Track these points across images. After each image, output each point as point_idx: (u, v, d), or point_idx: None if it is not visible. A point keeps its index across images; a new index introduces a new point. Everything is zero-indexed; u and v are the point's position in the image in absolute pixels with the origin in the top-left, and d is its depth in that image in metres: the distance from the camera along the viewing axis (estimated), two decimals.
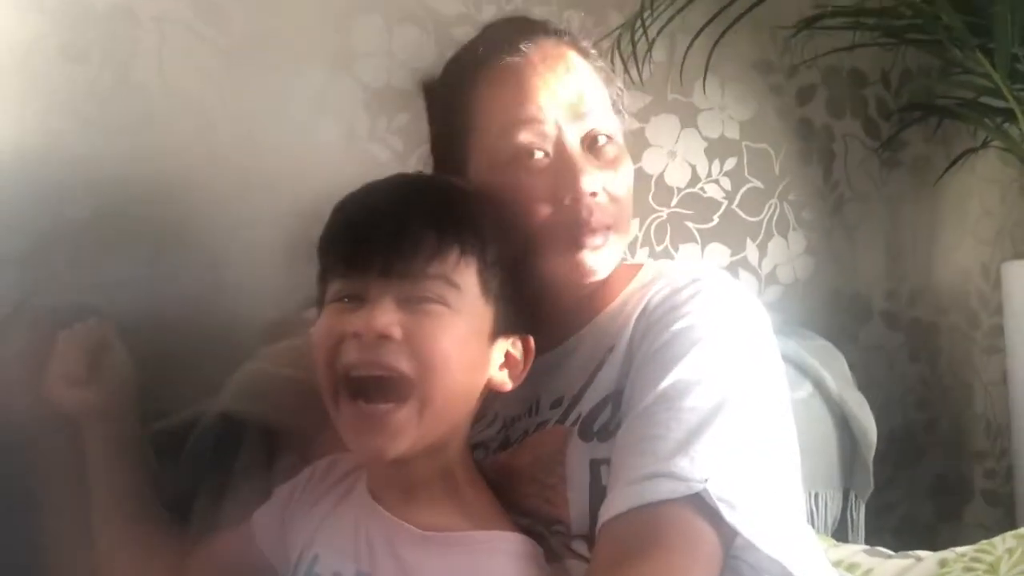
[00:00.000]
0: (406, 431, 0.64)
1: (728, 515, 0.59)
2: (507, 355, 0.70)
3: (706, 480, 0.60)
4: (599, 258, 0.73)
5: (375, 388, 0.64)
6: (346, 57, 1.14)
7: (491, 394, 0.72)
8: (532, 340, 0.71)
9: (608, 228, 0.73)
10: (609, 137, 0.75)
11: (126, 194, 1.02)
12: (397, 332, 0.63)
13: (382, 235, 0.65)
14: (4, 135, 0.97)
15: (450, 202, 0.68)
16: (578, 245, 0.72)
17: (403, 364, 0.63)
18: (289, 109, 1.11)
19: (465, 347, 0.66)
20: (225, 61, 1.07)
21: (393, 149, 1.16)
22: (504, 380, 0.70)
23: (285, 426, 0.90)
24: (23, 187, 0.98)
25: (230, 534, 0.79)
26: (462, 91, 0.76)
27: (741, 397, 0.65)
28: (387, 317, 0.63)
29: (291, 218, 1.10)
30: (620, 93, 0.81)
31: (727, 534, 0.61)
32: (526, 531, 0.68)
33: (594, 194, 0.72)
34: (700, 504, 0.60)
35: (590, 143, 0.74)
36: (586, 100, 0.74)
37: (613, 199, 0.74)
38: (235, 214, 1.08)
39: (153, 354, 1.01)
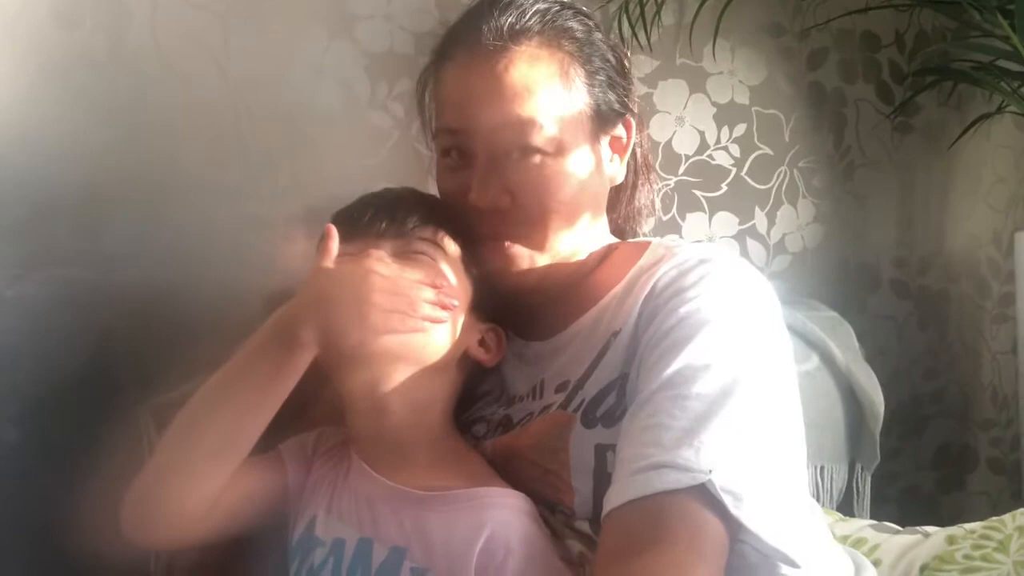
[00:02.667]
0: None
1: (733, 507, 0.59)
2: (482, 339, 0.76)
3: (711, 471, 0.59)
4: (514, 252, 0.75)
5: None
6: (345, 20, 1.11)
7: (495, 373, 0.73)
8: (503, 333, 0.77)
9: (517, 236, 0.74)
10: (537, 148, 0.72)
11: (122, 163, 1.00)
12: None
13: (379, 208, 0.74)
14: None
15: (439, 201, 0.79)
16: (485, 243, 0.75)
17: None
18: (286, 75, 1.08)
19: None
20: (220, 26, 1.04)
21: (394, 116, 1.14)
22: (483, 355, 0.76)
23: (286, 400, 0.89)
24: (18, 156, 0.96)
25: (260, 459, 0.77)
26: (427, 83, 0.81)
27: (748, 384, 0.64)
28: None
29: (290, 187, 1.09)
30: (600, 81, 0.76)
31: (733, 524, 0.60)
32: None
33: (496, 209, 0.73)
34: (705, 494, 0.59)
35: (509, 152, 0.73)
36: (513, 112, 0.71)
37: (523, 206, 0.73)
38: (233, 183, 1.06)
39: (155, 325, 1.00)
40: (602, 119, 0.76)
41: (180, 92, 1.03)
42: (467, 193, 0.74)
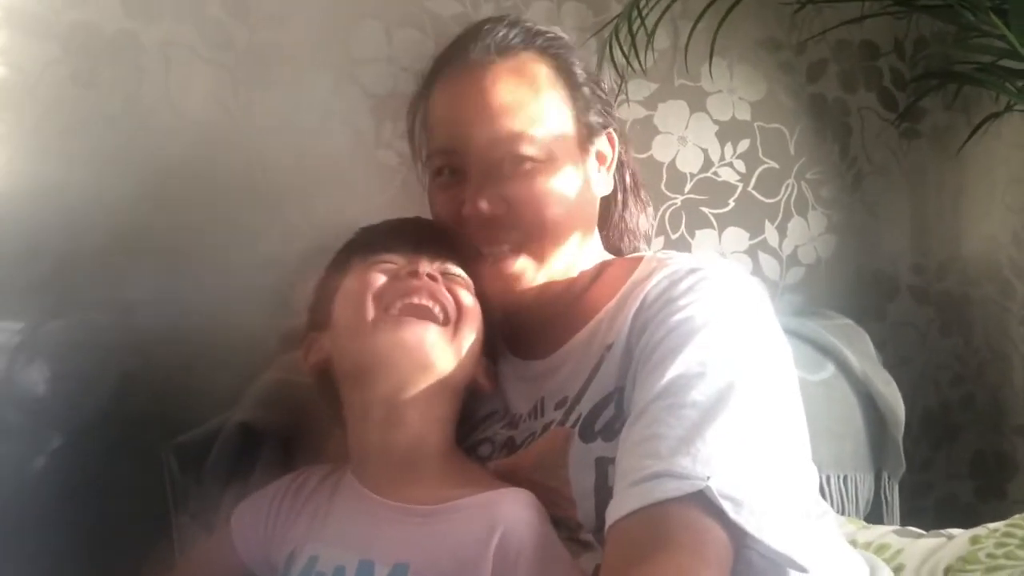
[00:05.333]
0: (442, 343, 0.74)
1: (732, 512, 0.58)
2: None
3: (708, 477, 0.59)
4: (513, 264, 0.77)
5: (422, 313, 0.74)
6: (348, 65, 1.15)
7: (497, 394, 0.76)
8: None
9: (515, 244, 0.76)
10: (528, 157, 0.75)
11: (140, 214, 1.04)
12: (439, 277, 0.74)
13: (416, 228, 0.81)
14: (21, 161, 1.00)
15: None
16: (484, 259, 0.77)
17: (446, 300, 0.73)
18: (295, 121, 1.12)
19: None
20: (229, 80, 1.09)
21: (401, 154, 1.17)
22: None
23: (303, 433, 0.91)
24: (43, 211, 1.00)
25: (206, 539, 0.84)
26: (418, 110, 0.85)
27: (744, 389, 0.64)
28: (432, 266, 0.75)
29: (303, 228, 1.12)
30: (584, 95, 0.80)
31: (735, 529, 0.59)
32: None
33: (487, 217, 0.75)
34: (705, 501, 0.59)
35: (501, 162, 0.75)
36: (503, 123, 0.75)
37: (519, 213, 0.76)
38: (247, 226, 1.10)
39: (174, 368, 1.03)
40: (586, 131, 0.79)
41: (194, 142, 1.07)
42: (461, 208, 0.76)
